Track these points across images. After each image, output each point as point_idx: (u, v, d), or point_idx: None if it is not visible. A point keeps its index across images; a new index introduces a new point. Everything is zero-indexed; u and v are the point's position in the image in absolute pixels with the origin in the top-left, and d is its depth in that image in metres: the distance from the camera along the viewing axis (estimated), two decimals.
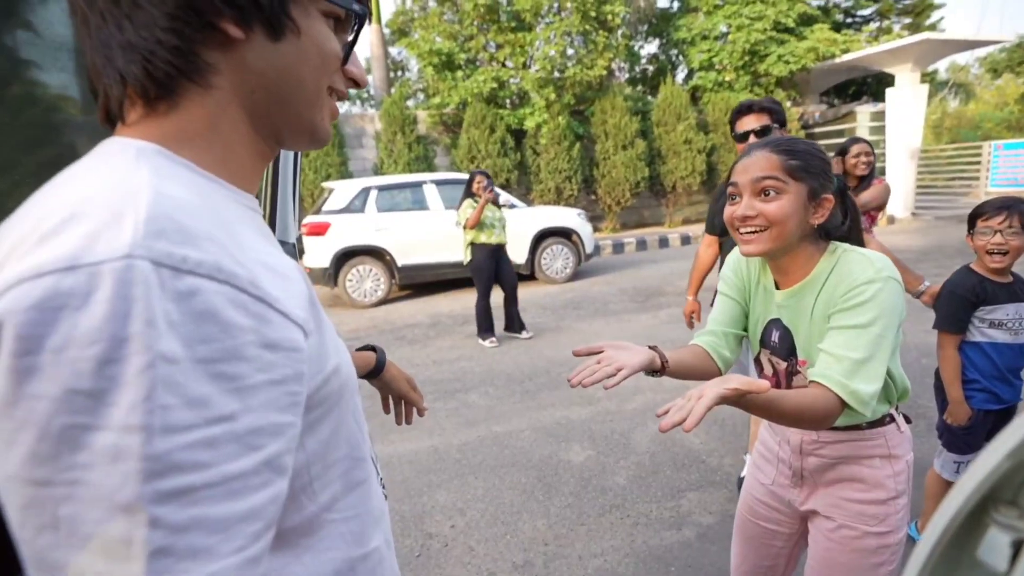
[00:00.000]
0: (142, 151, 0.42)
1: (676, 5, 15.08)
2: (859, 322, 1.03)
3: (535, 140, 11.54)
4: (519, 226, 7.08)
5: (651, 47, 15.85)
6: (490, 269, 4.97)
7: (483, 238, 4.91)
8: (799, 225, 1.08)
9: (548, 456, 3.02)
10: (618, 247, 10.33)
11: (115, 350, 0.31)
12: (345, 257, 7.00)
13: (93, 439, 0.31)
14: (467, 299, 7.07)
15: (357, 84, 0.54)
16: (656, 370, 1.13)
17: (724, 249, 2.54)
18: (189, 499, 0.33)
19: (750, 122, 2.25)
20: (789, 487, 1.30)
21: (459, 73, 11.69)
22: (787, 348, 1.19)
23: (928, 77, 14.63)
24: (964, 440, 1.98)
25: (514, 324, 5.25)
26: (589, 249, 7.92)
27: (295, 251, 1.32)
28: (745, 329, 1.30)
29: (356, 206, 7.10)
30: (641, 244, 10.34)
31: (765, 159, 1.09)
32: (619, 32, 12.33)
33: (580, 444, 3.13)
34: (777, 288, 1.20)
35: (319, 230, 6.89)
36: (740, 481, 2.48)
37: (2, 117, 0.80)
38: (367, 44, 13.11)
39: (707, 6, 13.32)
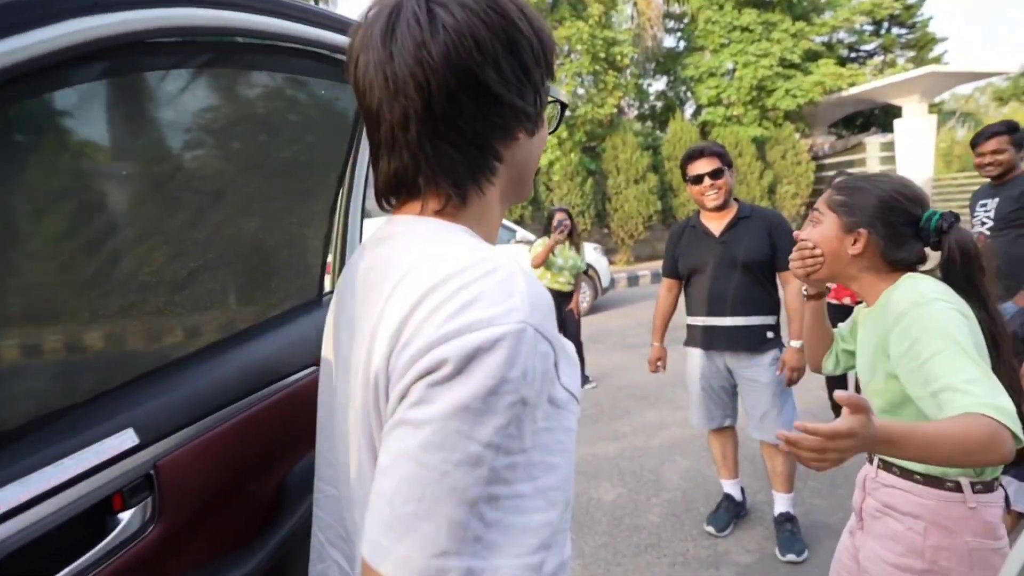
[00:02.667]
0: (471, 235, 0.55)
1: (683, 44, 15.47)
2: (929, 351, 0.98)
3: (548, 176, 11.74)
4: None
5: (659, 84, 16.17)
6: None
7: (546, 280, 4.45)
8: (836, 253, 1.18)
9: (579, 494, 3.00)
10: (633, 280, 10.37)
11: (499, 386, 0.43)
12: None
13: (464, 446, 0.42)
14: None
15: None
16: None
17: (688, 291, 2.57)
18: (497, 505, 0.43)
19: (702, 166, 2.37)
20: (857, 531, 1.24)
21: None
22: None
23: (935, 108, 14.75)
24: None
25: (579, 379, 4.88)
26: (605, 283, 7.97)
27: None
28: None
29: None
30: (656, 276, 10.36)
31: (826, 194, 1.24)
32: (628, 71, 12.67)
33: (610, 481, 3.11)
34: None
35: None
36: (776, 518, 2.45)
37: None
38: None
39: (713, 45, 13.65)
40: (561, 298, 4.61)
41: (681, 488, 2.96)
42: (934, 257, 1.16)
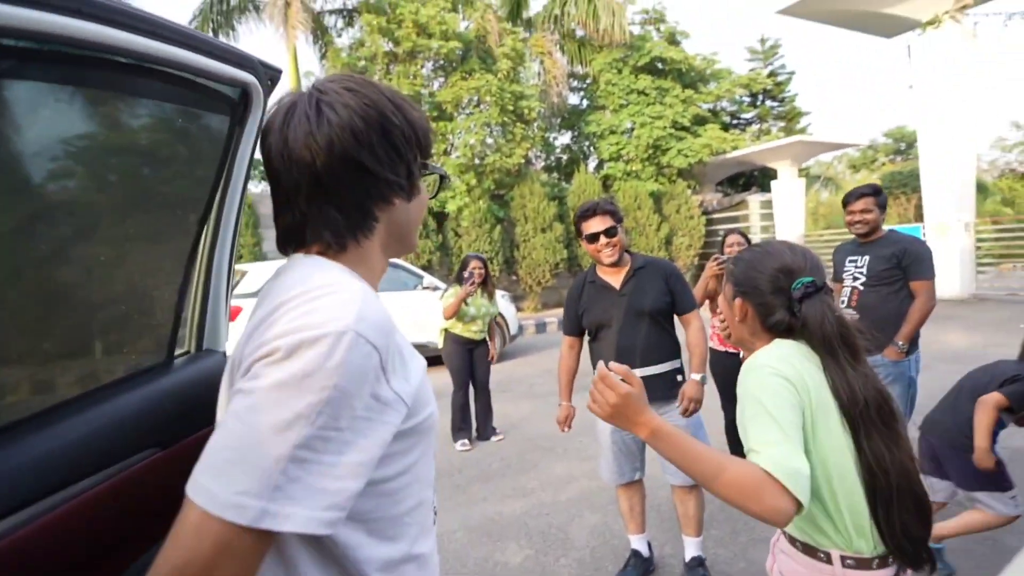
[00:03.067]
0: (341, 269, 0.68)
1: (585, 103, 16.38)
2: (748, 414, 1.05)
3: (457, 223, 11.73)
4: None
5: (565, 138, 16.95)
6: (463, 360, 4.42)
7: (458, 329, 4.41)
8: (730, 319, 1.26)
9: (483, 559, 2.81)
10: (540, 327, 10.45)
11: (314, 372, 0.54)
12: None
13: (278, 412, 0.53)
14: None
15: None
16: None
17: (594, 346, 2.55)
18: (303, 466, 0.53)
19: (596, 224, 2.39)
20: None
21: None
22: None
23: (804, 172, 16.57)
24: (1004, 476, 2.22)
25: (486, 430, 4.62)
26: (514, 330, 7.95)
27: (227, 359, 1.17)
28: None
29: None
30: (563, 323, 10.50)
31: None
32: (535, 124, 13.13)
33: (517, 542, 2.94)
34: None
35: (229, 315, 6.46)
36: (688, 563, 2.40)
37: None
38: None
39: (613, 105, 14.56)
40: (473, 345, 4.51)
41: (590, 546, 2.86)
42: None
